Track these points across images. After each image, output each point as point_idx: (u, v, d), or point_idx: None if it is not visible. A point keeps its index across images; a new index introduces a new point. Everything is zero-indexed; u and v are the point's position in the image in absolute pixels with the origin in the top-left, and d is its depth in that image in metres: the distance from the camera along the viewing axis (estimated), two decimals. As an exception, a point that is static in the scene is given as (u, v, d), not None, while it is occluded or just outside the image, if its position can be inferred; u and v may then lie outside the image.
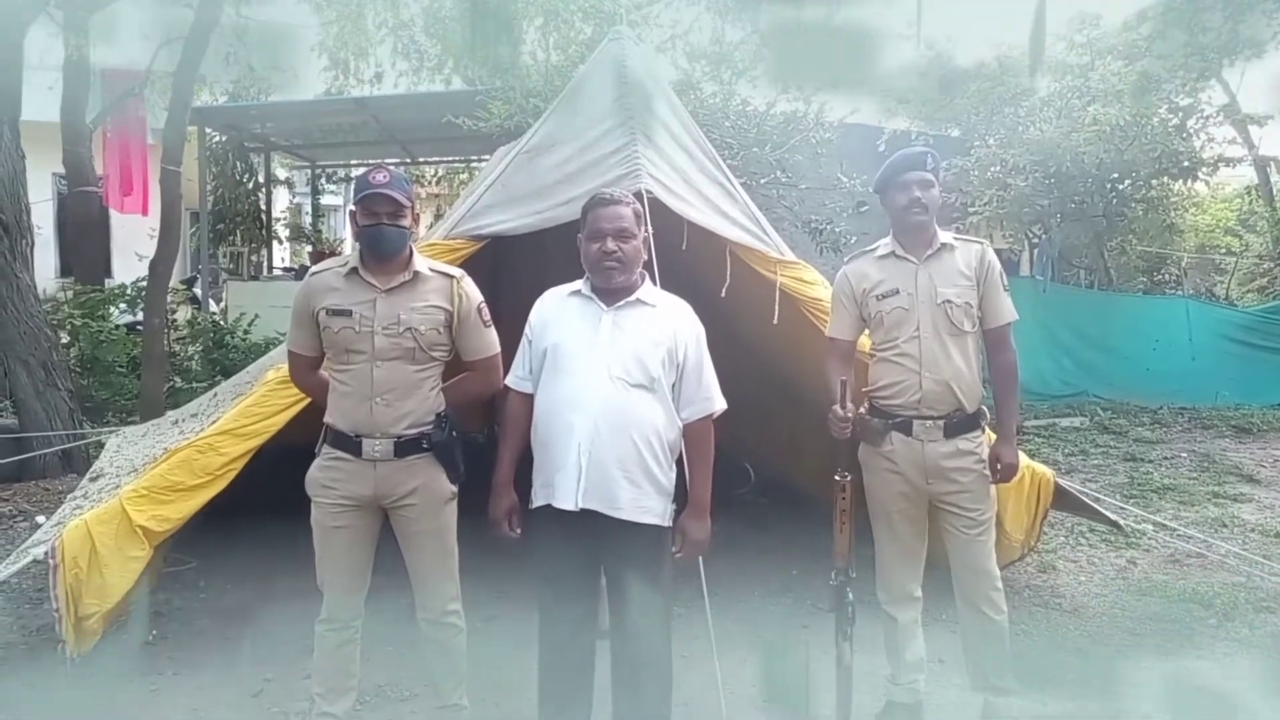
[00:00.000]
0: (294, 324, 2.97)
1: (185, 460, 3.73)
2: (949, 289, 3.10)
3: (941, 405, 3.08)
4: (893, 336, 3.13)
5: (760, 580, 4.59)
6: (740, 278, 4.15)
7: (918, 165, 3.12)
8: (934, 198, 3.12)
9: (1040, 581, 4.73)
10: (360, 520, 2.90)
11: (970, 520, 3.12)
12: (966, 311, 3.10)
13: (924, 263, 3.13)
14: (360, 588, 2.97)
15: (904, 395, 3.11)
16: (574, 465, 2.65)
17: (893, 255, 3.18)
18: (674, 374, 2.76)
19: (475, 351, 2.98)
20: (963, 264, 3.13)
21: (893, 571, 3.23)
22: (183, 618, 4.17)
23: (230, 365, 8.55)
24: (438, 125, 8.62)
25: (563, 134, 4.30)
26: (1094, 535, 5.42)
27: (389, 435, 2.84)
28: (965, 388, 3.09)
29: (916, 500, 3.16)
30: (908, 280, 3.13)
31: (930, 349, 3.08)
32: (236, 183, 13.48)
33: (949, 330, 3.09)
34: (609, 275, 2.74)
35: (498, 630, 3.85)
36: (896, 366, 3.12)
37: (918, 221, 3.12)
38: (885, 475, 3.17)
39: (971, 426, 3.13)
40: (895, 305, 3.13)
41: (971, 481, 3.11)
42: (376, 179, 2.80)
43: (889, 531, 3.21)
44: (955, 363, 3.08)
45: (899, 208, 3.13)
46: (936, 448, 3.09)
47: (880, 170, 3.21)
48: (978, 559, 3.14)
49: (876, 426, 3.16)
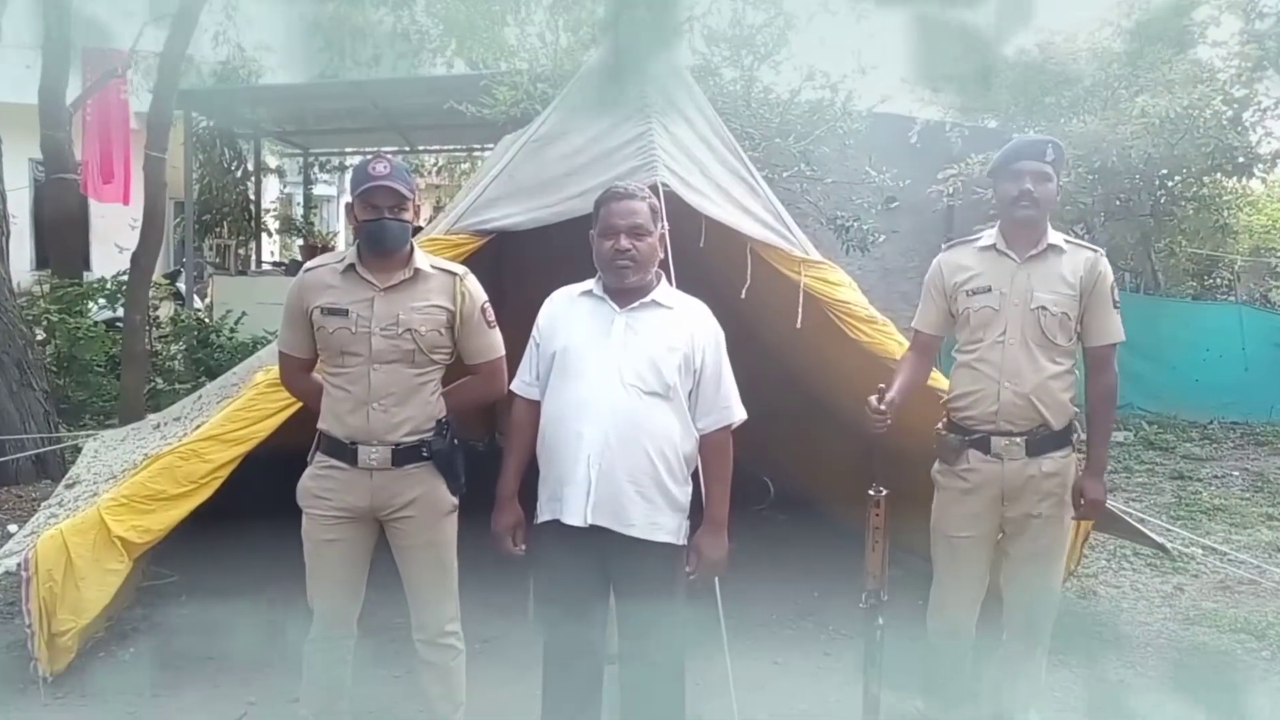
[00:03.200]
0: (285, 323, 2.98)
1: (167, 467, 3.74)
2: (1046, 295, 3.01)
3: (1022, 421, 3.01)
4: (977, 338, 3.08)
5: (780, 603, 4.58)
6: (761, 278, 4.15)
7: (1035, 154, 3.03)
8: (1048, 193, 3.03)
9: (1080, 608, 4.70)
10: (354, 533, 2.91)
11: (1039, 550, 3.07)
12: (1062, 323, 3.02)
13: (1025, 262, 3.06)
14: (353, 605, 2.97)
15: (980, 406, 3.05)
16: (583, 478, 2.65)
17: (994, 249, 3.12)
18: (691, 381, 2.76)
19: (478, 354, 2.99)
20: (1069, 270, 3.04)
21: (948, 600, 3.16)
22: (163, 635, 4.18)
23: (216, 366, 8.56)
24: (439, 111, 8.62)
25: (573, 122, 4.30)
26: (1138, 559, 5.39)
27: (386, 443, 2.84)
28: (1050, 404, 3.01)
29: (988, 525, 3.09)
30: (1003, 279, 3.06)
31: (1014, 357, 3.01)
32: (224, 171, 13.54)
33: (1038, 340, 3.01)
34: (622, 275, 2.74)
35: (499, 653, 3.85)
36: (975, 374, 3.07)
37: (1025, 216, 3.03)
38: (958, 496, 3.10)
39: (1059, 444, 3.06)
40: (984, 304, 3.07)
41: (1050, 506, 3.05)
42: (377, 170, 2.81)
43: (950, 557, 3.14)
44: (1041, 376, 3.00)
45: (1007, 199, 3.05)
46: (1018, 467, 3.02)
47: (996, 155, 3.15)
48: (1042, 592, 3.10)
49: (952, 443, 3.11)
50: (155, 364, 9.10)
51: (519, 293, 4.15)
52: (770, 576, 4.80)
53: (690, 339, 2.75)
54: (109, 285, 9.40)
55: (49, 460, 6.70)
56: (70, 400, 7.92)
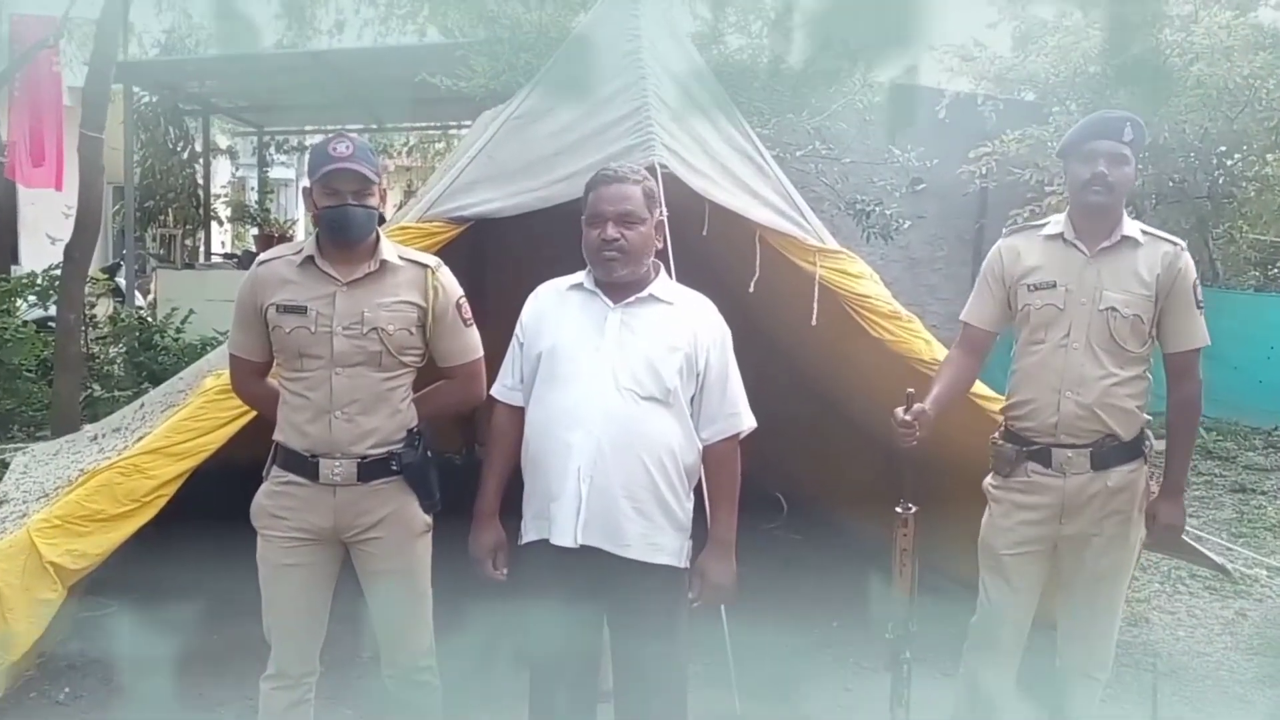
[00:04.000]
0: (237, 322, 2.98)
1: (106, 484, 3.74)
2: (1118, 294, 2.98)
3: (1085, 433, 2.99)
4: (1037, 338, 3.06)
5: (794, 633, 4.58)
6: (772, 269, 4.16)
7: (1111, 133, 2.99)
8: (1125, 177, 3.00)
9: (1131, 637, 4.70)
10: (316, 556, 2.91)
11: (1100, 573, 3.05)
12: (1134, 326, 2.98)
13: (1096, 256, 3.03)
14: (315, 637, 2.97)
15: (1039, 416, 3.03)
16: (572, 493, 2.66)
17: (1061, 239, 3.09)
18: (693, 385, 2.76)
19: (454, 356, 2.99)
20: (1145, 266, 3.01)
21: (994, 629, 3.14)
22: (101, 673, 4.17)
23: (160, 370, 8.56)
24: (410, 85, 8.63)
25: (561, 97, 4.31)
26: (1195, 582, 5.40)
27: (351, 455, 2.85)
28: (1117, 414, 2.99)
29: (1044, 545, 3.08)
30: (1070, 274, 3.04)
31: (1078, 363, 2.98)
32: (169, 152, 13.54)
33: (1106, 345, 2.98)
34: (609, 267, 2.74)
35: (479, 690, 3.85)
36: (1034, 380, 3.05)
37: (1096, 203, 3.00)
38: (1013, 512, 3.08)
39: (1128, 455, 3.03)
40: (1047, 301, 3.04)
41: (1116, 525, 3.02)
42: (338, 150, 2.81)
43: (1001, 581, 3.12)
44: (1108, 384, 2.97)
45: (1078, 182, 3.02)
46: (1082, 482, 3.00)
47: (1069, 132, 3.14)
48: (1103, 621, 3.09)
49: (1008, 454, 3.09)
50: (92, 368, 9.09)
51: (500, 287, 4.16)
52: (783, 603, 4.80)
53: (693, 338, 2.75)
54: (40, 281, 9.37)
55: (-27, 477, 6.69)
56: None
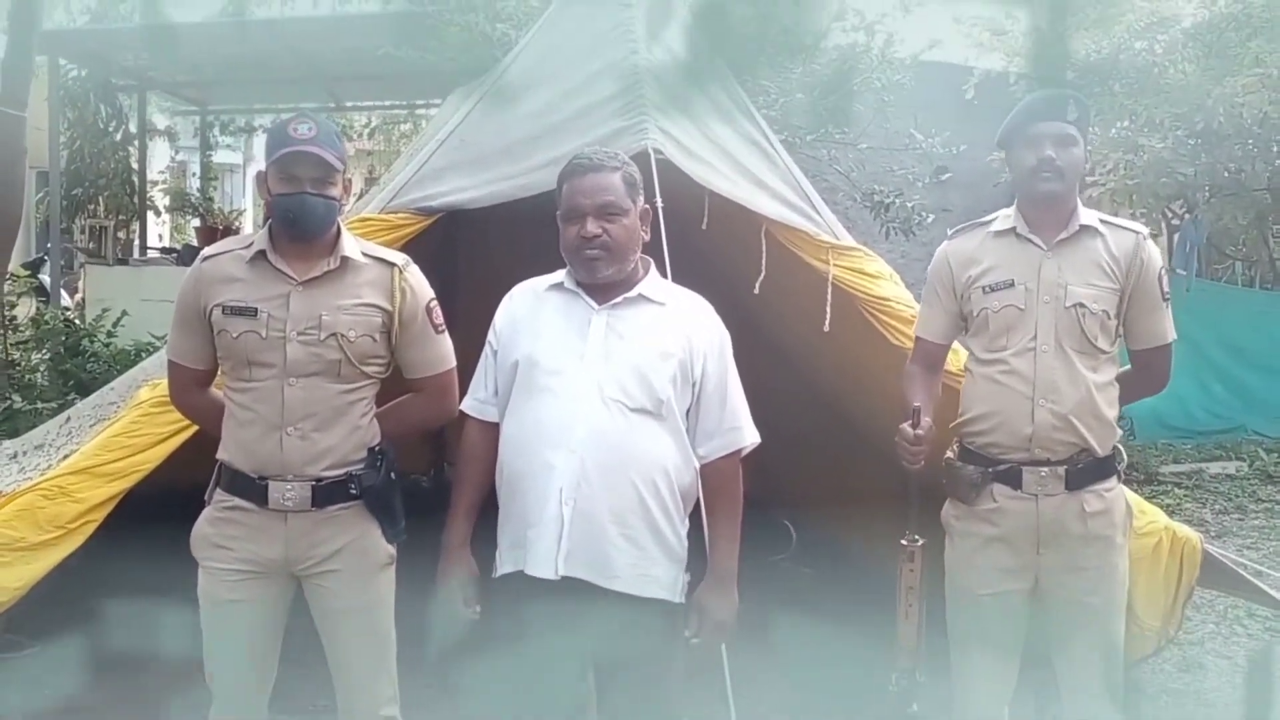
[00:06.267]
0: (177, 325, 2.98)
1: (27, 508, 3.74)
2: (1084, 289, 3.03)
3: (1060, 448, 3.01)
4: (999, 345, 3.08)
5: (802, 678, 4.58)
6: (780, 268, 4.17)
7: (1055, 114, 3.07)
8: (1074, 159, 3.06)
9: (1182, 685, 4.72)
10: (265, 591, 2.90)
11: (1092, 610, 3.06)
12: (1104, 323, 3.04)
13: (1054, 249, 3.08)
14: (263, 682, 2.97)
15: (1009, 431, 3.04)
16: (553, 518, 2.66)
17: (1013, 234, 3.14)
18: (689, 396, 2.77)
19: (422, 366, 3.00)
20: (1107, 257, 3.06)
21: (974, 685, 3.14)
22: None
23: (89, 379, 8.54)
24: (372, 59, 8.65)
25: (543, 72, 4.33)
26: (1253, 622, 5.42)
27: (304, 477, 2.84)
28: (1094, 425, 3.02)
29: (1021, 579, 3.08)
30: (1028, 271, 3.08)
31: (1049, 367, 3.01)
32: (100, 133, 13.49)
33: (1078, 345, 3.02)
34: (592, 268, 2.75)
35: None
36: (1001, 390, 3.06)
37: (1047, 191, 3.06)
38: (981, 545, 3.09)
39: (1104, 474, 3.07)
40: (1007, 303, 3.08)
41: (1098, 554, 3.05)
42: (299, 132, 2.81)
43: (976, 626, 3.12)
44: (1083, 390, 3.01)
45: (1025, 169, 3.08)
46: (1056, 505, 3.02)
47: (1008, 117, 3.17)
48: (1100, 662, 3.09)
49: (971, 477, 3.10)
50: (12, 377, 9.07)
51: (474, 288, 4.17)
52: (792, 644, 4.80)
53: (687, 343, 2.76)
54: (-47, 278, 9.38)
55: (-124, 500, 6.66)
56: (-97, 423, 7.90)
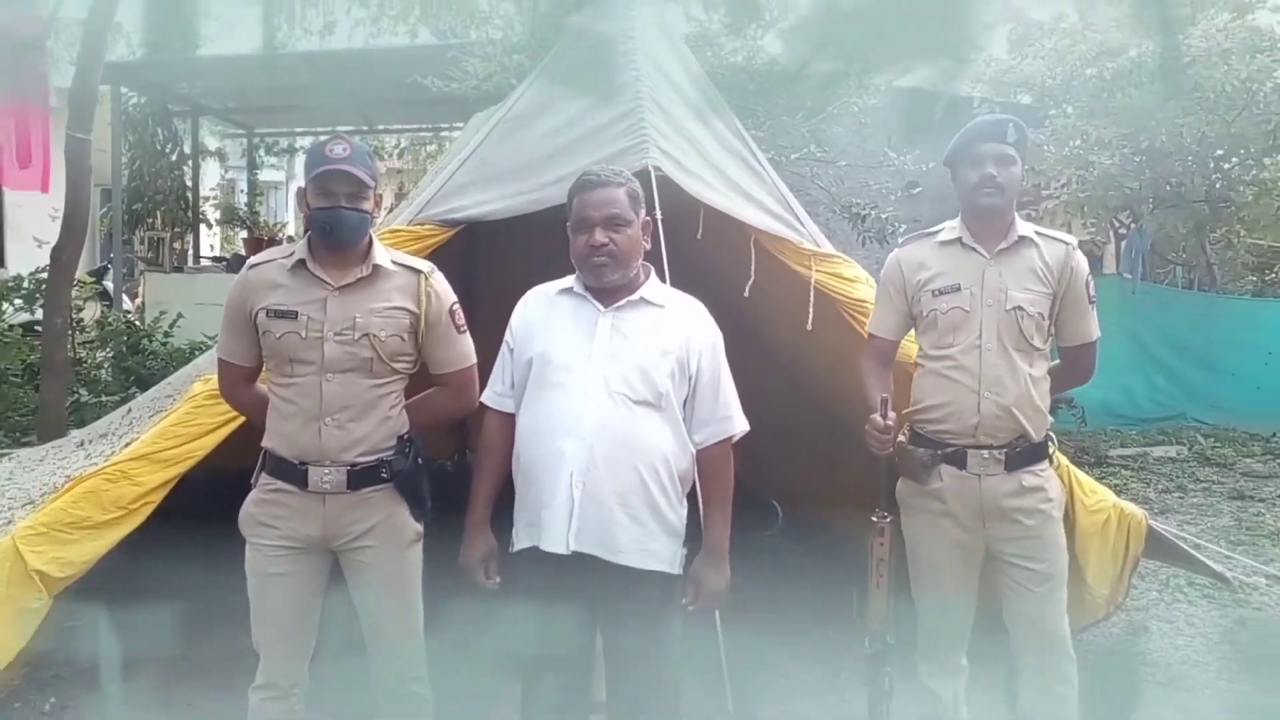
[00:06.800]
0: (226, 327, 2.98)
1: (93, 491, 3.73)
2: (1022, 293, 3.09)
3: (1002, 434, 3.07)
4: (946, 343, 3.13)
5: (790, 642, 4.57)
6: (767, 273, 4.17)
7: (996, 136, 3.10)
8: (1013, 177, 3.11)
9: (1129, 646, 4.71)
10: (305, 565, 2.91)
11: (1036, 575, 3.11)
12: (1039, 324, 3.10)
13: (995, 257, 3.13)
14: (304, 647, 2.97)
15: (957, 419, 3.10)
16: (564, 500, 2.66)
17: (958, 243, 3.18)
18: (686, 389, 2.78)
19: (446, 363, 3.00)
20: (1042, 265, 3.12)
21: (936, 637, 3.21)
22: (88, 683, 4.15)
23: (148, 375, 8.56)
24: (401, 86, 8.64)
25: (554, 98, 4.32)
26: (1194, 590, 5.41)
27: (341, 463, 2.85)
28: (1031, 414, 3.08)
29: (970, 549, 3.15)
30: (973, 276, 3.12)
31: (993, 364, 3.07)
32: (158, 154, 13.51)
33: (1017, 344, 3.08)
34: (600, 273, 2.76)
35: (470, 702, 3.84)
36: (949, 383, 3.11)
37: (989, 205, 3.10)
38: (932, 519, 3.15)
39: (1038, 457, 3.13)
40: (953, 305, 3.12)
41: (1038, 525, 3.10)
42: (334, 152, 2.82)
43: (934, 588, 3.19)
44: (1021, 383, 3.07)
45: (969, 186, 3.12)
46: (996, 484, 3.08)
47: (952, 140, 3.20)
48: (1046, 621, 3.13)
49: (921, 458, 3.15)
50: (79, 373, 9.07)
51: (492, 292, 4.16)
52: (779, 612, 4.79)
53: (685, 341, 2.77)
54: (26, 284, 9.36)
55: (-43, 484, 6.66)
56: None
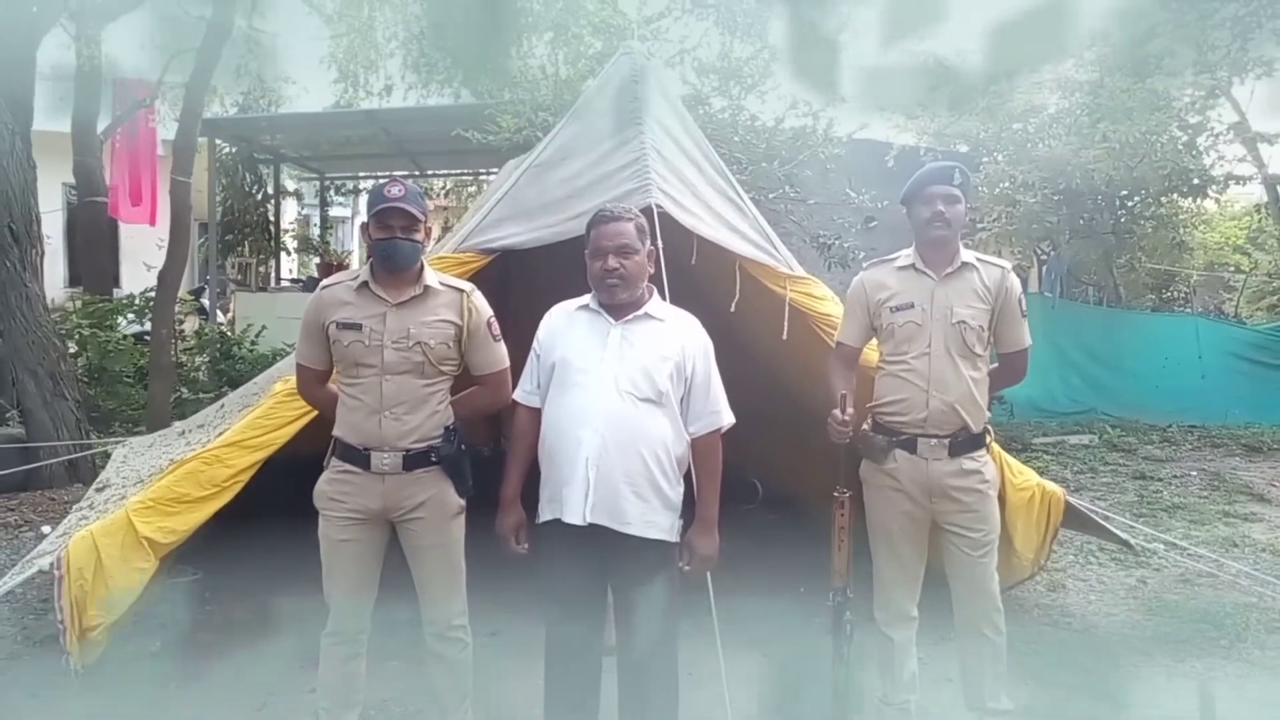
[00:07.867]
0: (303, 337, 2.98)
1: (192, 472, 3.73)
2: (964, 310, 3.09)
3: (947, 425, 3.08)
4: (902, 351, 3.13)
5: (768, 597, 4.56)
6: (749, 292, 4.15)
7: (944, 179, 3.11)
8: (958, 214, 3.11)
9: (1050, 600, 4.70)
10: (368, 533, 2.90)
11: (973, 541, 3.12)
12: (979, 334, 3.10)
13: (943, 280, 3.13)
14: (367, 601, 2.96)
15: (910, 413, 3.11)
16: (581, 480, 2.66)
17: (912, 268, 3.18)
18: (682, 388, 2.77)
19: (484, 366, 2.99)
20: (981, 285, 3.12)
21: (891, 591, 3.21)
22: (187, 630, 4.16)
23: (237, 376, 8.56)
24: (446, 138, 8.64)
25: (573, 148, 4.31)
26: (1104, 554, 5.39)
27: (397, 449, 2.84)
28: (971, 409, 3.09)
29: (919, 520, 3.15)
30: (924, 296, 3.13)
31: (940, 368, 3.07)
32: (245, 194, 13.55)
33: (960, 351, 3.09)
34: (612, 292, 2.76)
35: (504, 645, 3.84)
36: (903, 383, 3.12)
37: (939, 236, 3.11)
38: (887, 493, 3.16)
39: (976, 445, 3.13)
40: (908, 319, 3.13)
41: (975, 502, 3.11)
42: (392, 192, 2.82)
43: (889, 550, 3.19)
44: (964, 384, 3.08)
45: (921, 220, 3.12)
46: (941, 466, 3.09)
47: (908, 182, 3.20)
48: (980, 580, 3.14)
49: (880, 443, 3.16)
50: (180, 375, 9.09)
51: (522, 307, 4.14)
52: (759, 572, 4.78)
53: (681, 349, 2.76)
54: (137, 301, 9.38)
55: (80, 465, 6.68)
56: (101, 409, 7.91)
